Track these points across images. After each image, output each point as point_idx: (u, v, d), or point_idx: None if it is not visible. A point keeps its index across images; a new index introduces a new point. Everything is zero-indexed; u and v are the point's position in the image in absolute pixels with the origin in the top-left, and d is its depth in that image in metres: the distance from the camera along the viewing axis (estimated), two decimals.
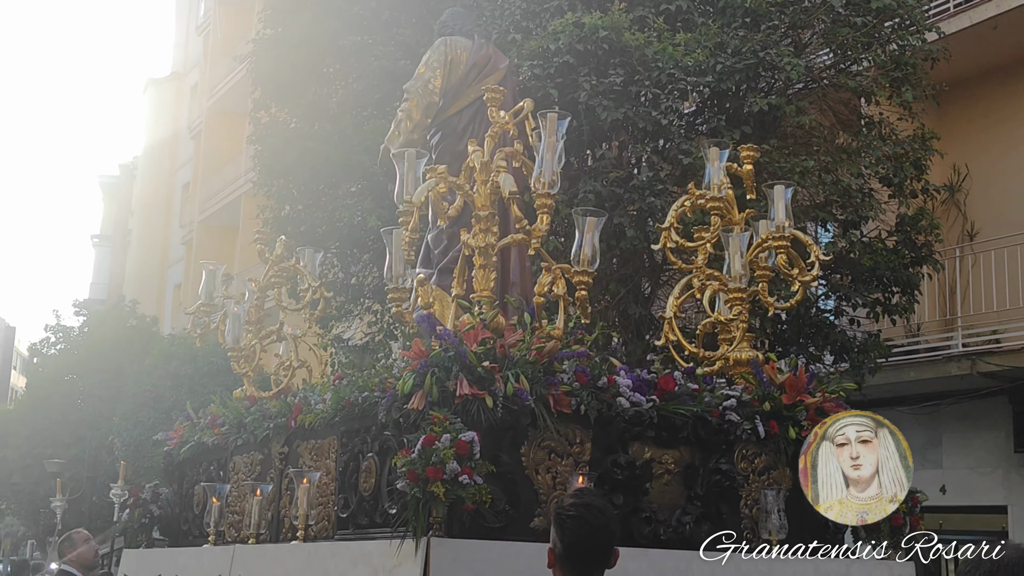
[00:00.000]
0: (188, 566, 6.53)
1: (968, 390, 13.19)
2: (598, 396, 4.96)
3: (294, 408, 5.78)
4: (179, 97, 43.48)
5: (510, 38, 10.58)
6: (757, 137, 10.26)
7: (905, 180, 10.90)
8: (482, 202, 5.35)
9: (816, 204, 10.56)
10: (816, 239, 12.25)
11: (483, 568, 4.42)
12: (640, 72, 9.96)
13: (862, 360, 11.12)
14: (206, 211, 35.29)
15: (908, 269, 11.15)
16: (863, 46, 10.87)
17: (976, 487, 13.65)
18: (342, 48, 12.15)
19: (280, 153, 12.80)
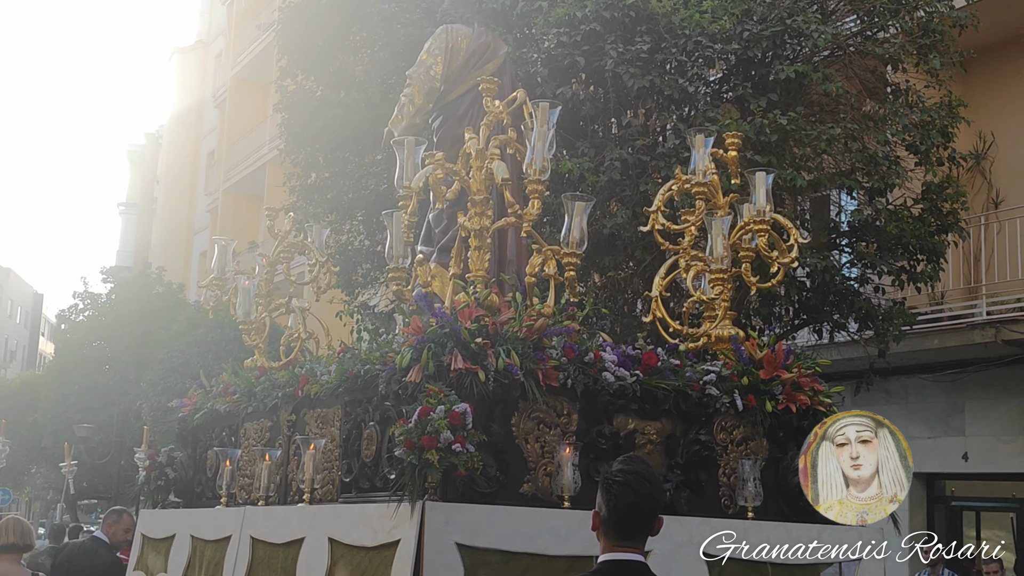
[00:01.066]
0: (201, 526, 6.68)
1: (992, 358, 13.15)
2: (585, 371, 5.10)
3: (301, 379, 5.93)
4: (204, 66, 43.52)
5: (536, 5, 10.54)
6: (783, 104, 10.22)
7: (931, 148, 10.83)
8: (477, 187, 5.52)
9: (842, 172, 10.50)
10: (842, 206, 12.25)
11: (474, 530, 4.56)
12: (667, 39, 9.92)
13: (886, 328, 11.10)
14: (231, 179, 35.38)
15: (933, 237, 11.09)
16: (890, 13, 10.78)
17: (998, 454, 13.64)
18: (368, 16, 12.12)
19: (307, 121, 12.82)
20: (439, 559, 4.43)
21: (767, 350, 5.90)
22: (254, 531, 5.91)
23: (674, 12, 9.91)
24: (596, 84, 10.42)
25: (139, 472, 8.05)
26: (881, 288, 11.51)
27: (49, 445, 28.27)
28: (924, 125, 10.77)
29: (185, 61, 45.65)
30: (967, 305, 13.35)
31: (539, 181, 5.43)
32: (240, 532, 6.03)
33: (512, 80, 7.12)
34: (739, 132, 9.77)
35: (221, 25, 40.66)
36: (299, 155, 13.08)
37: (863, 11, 11.04)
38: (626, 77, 9.82)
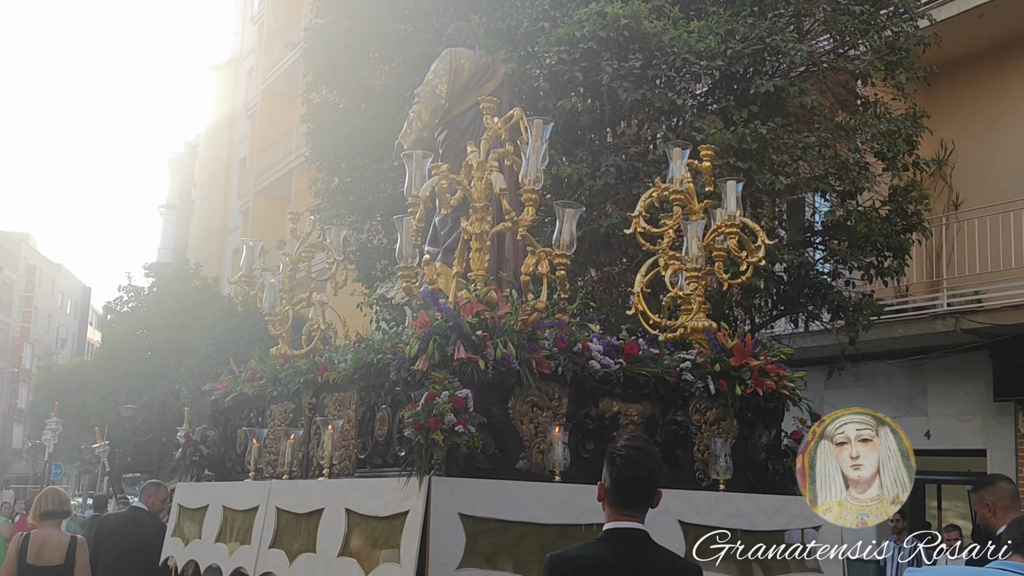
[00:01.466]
0: (232, 497, 6.70)
1: (951, 345, 13.16)
2: (573, 359, 5.16)
3: (321, 366, 5.98)
4: (236, 81, 43.53)
5: (539, 26, 10.53)
6: (763, 115, 10.21)
7: (897, 155, 10.83)
8: (478, 195, 5.61)
9: (816, 176, 10.51)
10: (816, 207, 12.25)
11: (475, 502, 4.60)
12: (657, 56, 9.90)
13: (856, 318, 11.11)
14: (261, 183, 35.40)
15: (899, 236, 11.11)
16: (860, 32, 10.77)
17: (958, 433, 13.65)
18: (386, 36, 12.12)
19: (330, 131, 12.83)
20: (444, 527, 4.48)
21: (737, 340, 5.94)
22: (279, 502, 5.94)
23: (664, 32, 9.89)
24: (593, 97, 10.42)
25: (177, 448, 8.09)
26: (851, 282, 11.52)
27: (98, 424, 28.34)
28: (891, 134, 10.77)
29: (219, 77, 45.66)
30: (929, 297, 13.35)
31: (533, 190, 5.51)
32: (267, 503, 6.06)
33: (510, 97, 7.17)
34: (723, 141, 9.82)
35: (252, 44, 40.67)
36: (323, 162, 13.09)
37: (835, 30, 11.03)
38: (620, 91, 9.82)
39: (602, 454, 4.91)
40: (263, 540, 5.95)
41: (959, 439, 13.64)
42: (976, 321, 12.45)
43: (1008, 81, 13.60)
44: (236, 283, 7.68)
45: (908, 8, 10.97)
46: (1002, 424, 13.18)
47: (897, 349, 13.89)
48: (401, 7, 12.00)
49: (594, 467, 4.80)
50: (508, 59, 10.24)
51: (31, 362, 66.67)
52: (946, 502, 14.66)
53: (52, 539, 7.18)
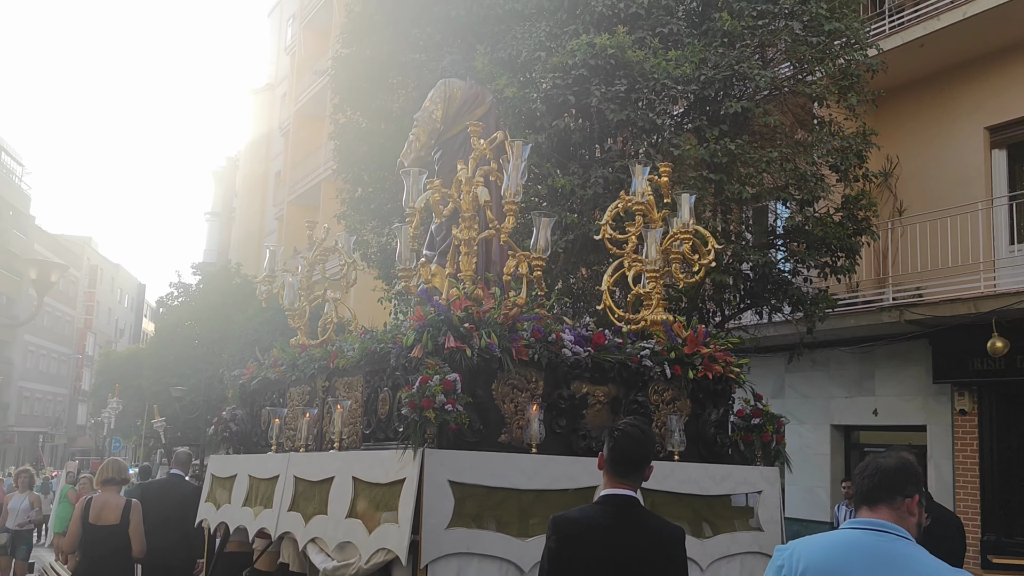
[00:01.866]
0: (256, 467, 6.75)
1: (896, 334, 13.16)
2: (548, 348, 5.22)
3: (332, 355, 6.05)
4: (271, 103, 43.47)
5: (537, 55, 10.54)
6: (732, 133, 10.22)
7: (849, 168, 10.85)
8: (466, 206, 5.68)
9: (778, 186, 10.52)
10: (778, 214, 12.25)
11: (462, 470, 4.64)
12: (640, 82, 9.91)
13: (813, 310, 11.12)
14: (293, 193, 35.37)
15: (850, 238, 11.12)
16: (817, 60, 10.78)
17: (902, 411, 13.65)
18: (403, 64, 12.12)
19: (354, 147, 12.83)
20: (435, 492, 4.51)
21: (690, 331, 5.98)
22: (297, 471, 5.97)
23: (645, 60, 9.90)
24: (584, 117, 10.42)
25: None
26: (809, 279, 11.54)
27: (151, 404, 28.36)
28: (843, 150, 10.78)
29: (257, 100, 45.61)
30: (877, 292, 13.35)
31: (513, 202, 5.55)
32: (286, 472, 6.10)
33: (496, 121, 7.22)
34: (697, 155, 9.83)
35: (285, 71, 40.62)
36: (348, 174, 13.09)
37: (795, 59, 11.03)
38: (607, 112, 9.82)
39: (573, 430, 5.22)
40: (283, 504, 5.99)
41: (903, 416, 13.65)
42: (918, 313, 12.46)
43: (946, 103, 13.60)
44: (261, 282, 7.71)
45: (858, 39, 10.97)
46: (940, 403, 13.19)
47: (849, 338, 13.90)
48: (416, 39, 11.99)
49: (566, 441, 5.13)
50: (509, 84, 10.25)
51: (93, 349, 66.74)
52: None
53: (111, 502, 7.40)
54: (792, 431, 15.19)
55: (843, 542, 2.76)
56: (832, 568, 2.70)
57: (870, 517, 2.80)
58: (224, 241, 49.45)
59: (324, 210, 30.53)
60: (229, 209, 50.28)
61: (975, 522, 12.35)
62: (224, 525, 7.14)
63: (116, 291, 77.71)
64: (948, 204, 12.91)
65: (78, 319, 68.84)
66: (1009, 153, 13.17)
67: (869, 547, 2.72)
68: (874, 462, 2.91)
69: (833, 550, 2.75)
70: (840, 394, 14.59)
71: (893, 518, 2.77)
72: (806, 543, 2.83)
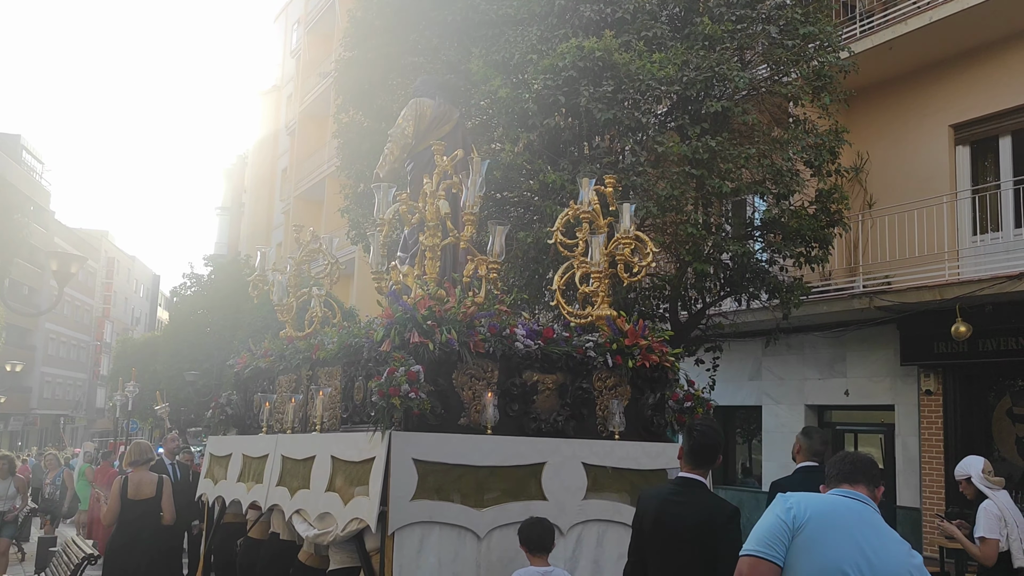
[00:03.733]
0: (249, 447, 6.99)
1: (866, 320, 13.21)
2: (502, 341, 5.44)
3: (314, 347, 6.29)
4: (278, 104, 43.33)
5: (528, 57, 10.49)
6: (713, 131, 10.20)
7: (823, 163, 10.82)
8: (430, 216, 5.92)
9: (756, 181, 10.50)
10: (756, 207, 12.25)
11: (425, 449, 4.86)
12: (626, 83, 9.88)
13: (788, 297, 11.12)
14: (299, 189, 35.28)
15: (824, 230, 11.11)
16: (792, 62, 10.76)
17: (872, 391, 13.71)
18: (403, 66, 12.07)
19: (357, 145, 12.77)
20: (401, 469, 4.73)
21: (630, 325, 6.20)
22: (284, 451, 6.20)
23: (631, 62, 9.87)
24: (573, 116, 10.39)
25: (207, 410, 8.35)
26: (785, 268, 11.54)
27: (165, 387, 28.30)
28: (817, 146, 10.76)
29: (264, 101, 45.45)
30: (848, 280, 13.38)
31: (472, 213, 5.83)
32: (275, 451, 6.33)
33: (463, 135, 7.49)
34: (679, 152, 9.81)
35: (291, 73, 40.47)
36: (351, 170, 13.04)
37: (772, 61, 11.00)
38: (595, 111, 9.80)
39: (524, 413, 5.49)
40: (272, 480, 6.23)
41: (872, 396, 13.70)
42: (886, 300, 12.49)
43: (914, 103, 13.61)
44: (252, 281, 7.94)
45: (831, 42, 10.95)
46: (907, 384, 13.24)
47: (822, 323, 13.94)
48: (414, 42, 11.94)
49: (518, 423, 5.40)
50: (503, 85, 10.21)
51: (111, 336, 66.58)
52: (861, 448, 14.72)
53: (145, 479, 7.99)
54: (769, 411, 15.29)
55: (837, 502, 3.22)
56: (832, 519, 3.12)
57: (855, 490, 3.27)
58: (234, 234, 49.33)
59: (328, 205, 30.46)
60: (238, 204, 50.14)
61: (939, 495, 12.41)
62: (221, 499, 7.43)
63: (132, 282, 77.48)
64: (915, 198, 12.94)
65: (96, 308, 68.64)
66: (972, 149, 13.20)
67: (856, 510, 3.20)
68: (852, 454, 3.43)
69: (831, 506, 3.19)
70: (813, 376, 14.63)
71: (868, 495, 3.27)
72: (807, 498, 3.21)
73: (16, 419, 55.09)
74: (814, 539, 3.07)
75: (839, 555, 3.04)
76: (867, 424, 14.40)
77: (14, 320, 46.60)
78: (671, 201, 9.63)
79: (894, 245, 13.06)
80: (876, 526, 3.18)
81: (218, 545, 7.86)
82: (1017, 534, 6.08)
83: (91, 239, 65.01)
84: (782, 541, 3.10)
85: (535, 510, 5.03)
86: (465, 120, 9.86)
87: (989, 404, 12.65)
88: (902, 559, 3.12)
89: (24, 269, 47.99)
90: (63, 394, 63.56)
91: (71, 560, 8.96)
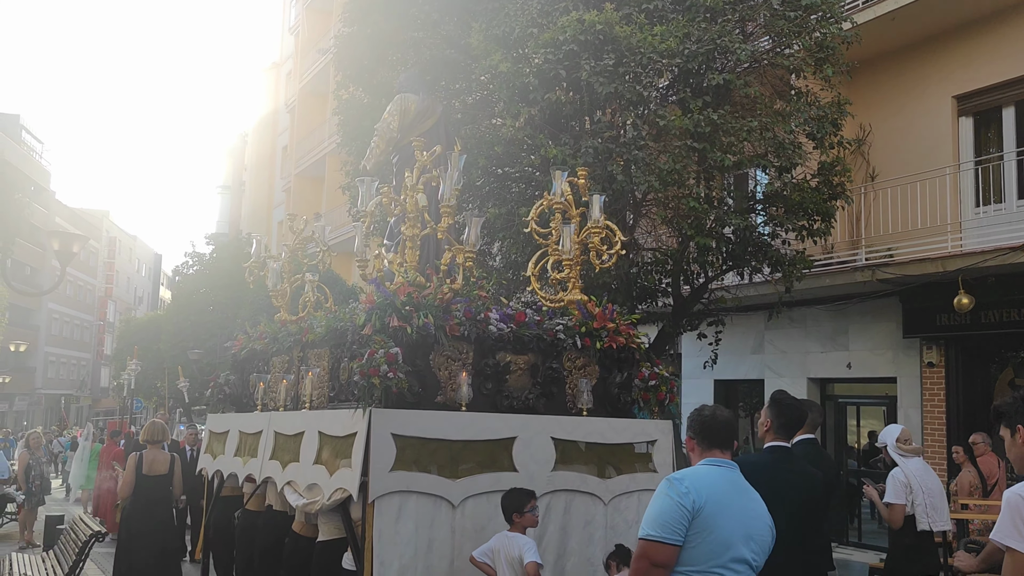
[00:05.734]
0: (245, 424, 7.39)
1: (869, 292, 13.20)
2: (477, 325, 5.79)
3: (304, 330, 6.66)
4: (277, 82, 43.13)
5: (529, 31, 10.42)
6: (714, 104, 10.15)
7: (825, 136, 10.78)
8: (410, 208, 6.24)
9: (758, 154, 10.45)
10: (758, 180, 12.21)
11: (403, 425, 5.21)
12: (627, 56, 9.82)
13: (791, 271, 11.12)
14: (300, 167, 35.18)
15: (826, 203, 11.09)
16: (794, 34, 10.68)
17: (874, 364, 13.73)
18: (402, 41, 11.99)
19: (357, 121, 12.70)
20: (380, 442, 5.09)
21: (599, 309, 6.52)
22: (276, 427, 6.57)
23: (632, 35, 9.80)
24: (574, 90, 10.34)
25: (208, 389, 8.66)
26: (787, 241, 11.51)
27: (170, 366, 28.35)
28: (819, 119, 10.71)
29: (263, 79, 45.24)
30: (851, 253, 13.36)
31: (449, 205, 6.12)
32: (268, 428, 6.72)
33: (446, 128, 7.95)
34: (681, 125, 9.77)
35: (289, 51, 40.25)
36: (351, 147, 12.99)
37: (774, 32, 10.93)
38: (596, 85, 9.75)
39: (497, 391, 5.88)
40: (265, 454, 6.63)
41: (875, 369, 13.72)
42: (889, 272, 12.48)
43: (916, 74, 13.53)
44: (248, 267, 8.15)
45: (833, 13, 10.87)
46: (909, 356, 13.26)
47: (824, 296, 13.94)
48: (414, 17, 11.85)
49: (492, 401, 5.80)
50: (503, 59, 10.15)
51: (114, 316, 66.67)
52: (864, 420, 14.78)
53: (159, 457, 8.68)
54: (771, 384, 15.32)
55: (719, 477, 3.51)
56: (722, 500, 3.40)
57: (722, 458, 3.60)
58: (235, 213, 49.26)
59: (329, 182, 30.38)
60: (239, 183, 50.03)
61: (942, 467, 12.46)
62: (219, 473, 7.87)
63: (134, 261, 77.48)
64: (918, 169, 12.89)
65: (99, 288, 68.69)
66: (975, 120, 13.14)
67: (731, 480, 3.54)
68: (720, 416, 3.70)
69: (717, 484, 3.46)
70: (816, 349, 14.65)
71: (729, 457, 3.65)
72: (696, 479, 3.44)
73: (21, 399, 55.32)
74: (709, 521, 3.32)
75: (729, 532, 3.34)
76: (869, 397, 14.44)
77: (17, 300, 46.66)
78: (673, 175, 9.59)
79: (896, 217, 13.03)
80: (745, 491, 3.56)
81: (217, 516, 8.25)
82: (923, 499, 6.58)
83: (92, 219, 64.94)
84: (682, 524, 3.30)
85: (506, 481, 5.44)
86: (450, 112, 10.31)
87: (991, 376, 12.67)
88: (765, 519, 3.54)
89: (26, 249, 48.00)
90: (67, 374, 63.74)
91: (79, 538, 9.04)
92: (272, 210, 40.89)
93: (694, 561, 3.30)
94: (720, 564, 3.31)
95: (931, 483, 6.70)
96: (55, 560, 9.70)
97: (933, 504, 6.61)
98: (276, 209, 40.00)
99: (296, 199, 35.16)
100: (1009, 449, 3.40)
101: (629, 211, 11.11)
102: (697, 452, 3.71)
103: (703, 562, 3.30)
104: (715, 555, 3.30)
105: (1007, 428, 3.37)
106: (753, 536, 3.42)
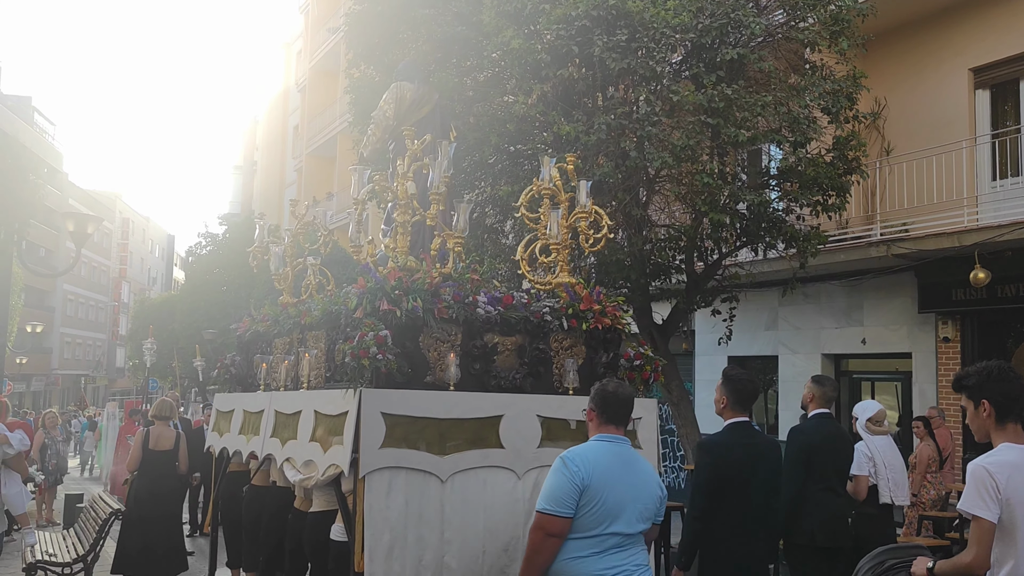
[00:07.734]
0: (248, 403, 7.58)
1: (883, 268, 13.15)
2: (465, 308, 5.86)
3: (303, 313, 6.78)
4: (288, 61, 43.04)
5: (541, 7, 10.34)
6: (728, 79, 10.07)
7: (840, 110, 10.68)
8: (401, 195, 6.35)
9: (772, 129, 10.36)
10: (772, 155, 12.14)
11: (393, 404, 5.32)
12: (640, 31, 9.74)
13: (805, 246, 11.06)
14: (311, 146, 35.19)
15: (841, 178, 11.01)
16: (809, 7, 10.58)
17: (889, 339, 13.69)
18: (413, 19, 11.93)
19: (368, 100, 12.65)
20: (371, 421, 5.21)
21: (586, 292, 6.60)
22: (277, 406, 6.72)
23: (645, 10, 9.72)
24: (586, 67, 10.27)
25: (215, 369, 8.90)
26: (801, 217, 11.45)
27: (184, 346, 28.54)
28: (834, 93, 10.60)
29: (274, 58, 45.16)
30: (865, 229, 13.29)
31: (438, 192, 6.21)
32: (269, 407, 6.87)
33: (442, 115, 8.02)
34: (695, 101, 9.70)
35: (299, 30, 40.14)
36: (363, 126, 12.92)
37: (788, 5, 10.81)
38: (609, 61, 9.68)
39: (485, 371, 5.94)
40: (266, 432, 6.80)
41: (889, 344, 13.69)
42: (904, 247, 12.41)
43: (932, 46, 13.39)
44: (252, 251, 8.28)
45: None
46: (924, 332, 13.21)
47: (839, 272, 13.89)
48: None
49: (479, 381, 5.89)
50: (515, 36, 10.09)
51: (128, 297, 67.11)
52: (878, 396, 14.75)
53: (165, 433, 9.17)
54: (786, 360, 15.31)
55: (607, 452, 3.95)
56: (608, 473, 3.86)
57: (616, 434, 4.04)
58: (248, 193, 49.33)
59: (340, 161, 30.37)
60: (251, 163, 50.06)
61: (957, 442, 12.43)
62: (225, 450, 8.06)
63: (148, 242, 77.82)
64: (934, 143, 12.79)
65: (113, 269, 69.07)
66: (992, 93, 13.00)
67: (621, 455, 3.99)
68: (622, 394, 4.10)
69: (603, 459, 3.91)
70: (830, 325, 14.61)
71: (624, 433, 4.10)
72: (585, 456, 3.90)
73: (38, 380, 55.81)
74: (596, 492, 3.81)
75: (616, 501, 3.84)
76: (884, 372, 14.40)
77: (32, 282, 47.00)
78: (686, 151, 9.53)
79: (912, 192, 12.94)
80: (633, 462, 4.02)
81: (224, 490, 8.54)
82: (886, 474, 6.98)
83: (105, 200, 65.19)
84: (573, 498, 3.80)
85: (493, 457, 5.60)
86: (462, 89, 10.36)
87: (1008, 351, 12.61)
88: (654, 491, 4.02)
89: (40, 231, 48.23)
90: (83, 354, 64.25)
91: (98, 516, 9.14)
92: (284, 190, 40.93)
93: (582, 528, 3.81)
94: (605, 531, 3.81)
95: (894, 459, 7.11)
96: (75, 538, 9.81)
97: (895, 480, 7.05)
98: (288, 189, 40.05)
99: (308, 179, 35.19)
100: (971, 420, 3.63)
101: (642, 187, 11.05)
102: (594, 424, 4.13)
103: (590, 529, 3.81)
104: (600, 522, 3.80)
105: (970, 400, 3.59)
106: (637, 503, 3.90)
